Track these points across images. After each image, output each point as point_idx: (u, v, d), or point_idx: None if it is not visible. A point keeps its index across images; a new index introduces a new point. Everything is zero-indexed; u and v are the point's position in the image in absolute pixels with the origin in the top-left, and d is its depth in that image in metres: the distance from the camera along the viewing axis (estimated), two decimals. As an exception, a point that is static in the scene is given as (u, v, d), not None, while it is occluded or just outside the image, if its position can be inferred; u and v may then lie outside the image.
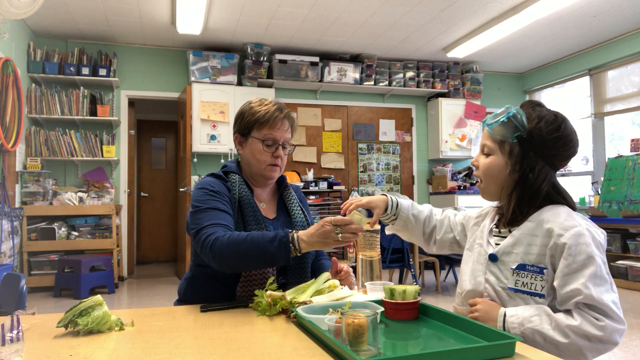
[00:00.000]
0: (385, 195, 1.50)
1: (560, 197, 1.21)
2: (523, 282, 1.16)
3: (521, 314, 1.12)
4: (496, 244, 1.26)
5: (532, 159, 1.20)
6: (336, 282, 1.44)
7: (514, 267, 1.18)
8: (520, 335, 1.09)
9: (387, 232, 1.57)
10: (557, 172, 1.26)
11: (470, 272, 1.29)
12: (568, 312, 1.10)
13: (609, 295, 1.08)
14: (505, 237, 1.24)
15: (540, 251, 1.15)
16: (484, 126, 1.28)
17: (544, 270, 1.14)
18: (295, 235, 1.33)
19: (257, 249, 1.33)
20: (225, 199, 1.52)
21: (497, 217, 1.31)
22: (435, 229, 1.52)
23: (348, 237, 1.31)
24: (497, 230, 1.28)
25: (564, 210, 1.18)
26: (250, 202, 1.55)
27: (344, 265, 1.58)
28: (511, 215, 1.22)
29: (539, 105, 1.24)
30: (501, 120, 1.21)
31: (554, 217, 1.16)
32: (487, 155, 1.26)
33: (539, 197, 1.20)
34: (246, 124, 1.61)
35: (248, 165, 1.64)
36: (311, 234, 1.33)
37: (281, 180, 1.73)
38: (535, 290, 1.14)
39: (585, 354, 1.07)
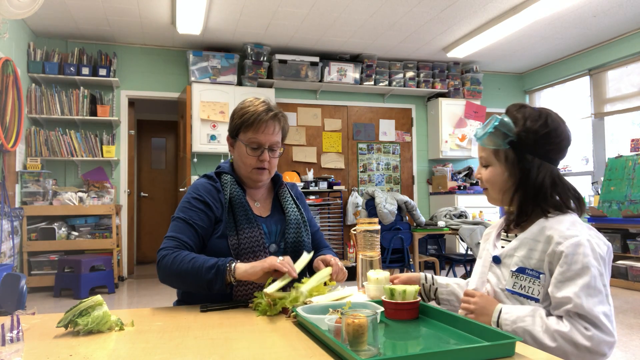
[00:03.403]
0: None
1: (557, 192, 1.22)
2: (521, 285, 1.19)
3: (515, 313, 1.14)
4: (502, 247, 1.29)
5: (529, 159, 1.21)
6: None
7: (514, 269, 1.20)
8: (511, 333, 1.10)
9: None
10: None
11: (478, 275, 1.32)
12: (560, 317, 1.11)
13: (602, 307, 1.08)
14: (511, 240, 1.26)
15: (539, 257, 1.17)
16: (477, 140, 1.30)
17: (541, 276, 1.16)
18: (234, 263, 1.37)
19: (196, 274, 1.37)
20: (203, 208, 1.51)
21: (504, 222, 1.34)
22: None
23: (287, 265, 1.35)
24: (506, 234, 1.31)
25: (568, 219, 1.19)
26: (241, 201, 1.55)
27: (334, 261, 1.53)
28: (517, 217, 1.25)
29: (523, 106, 1.26)
30: (489, 131, 1.23)
31: (557, 224, 1.17)
32: (486, 166, 1.29)
33: (542, 192, 1.21)
34: (234, 126, 1.60)
35: (237, 166, 1.63)
36: (252, 263, 1.38)
37: (276, 179, 1.72)
38: (531, 294, 1.17)
39: None
